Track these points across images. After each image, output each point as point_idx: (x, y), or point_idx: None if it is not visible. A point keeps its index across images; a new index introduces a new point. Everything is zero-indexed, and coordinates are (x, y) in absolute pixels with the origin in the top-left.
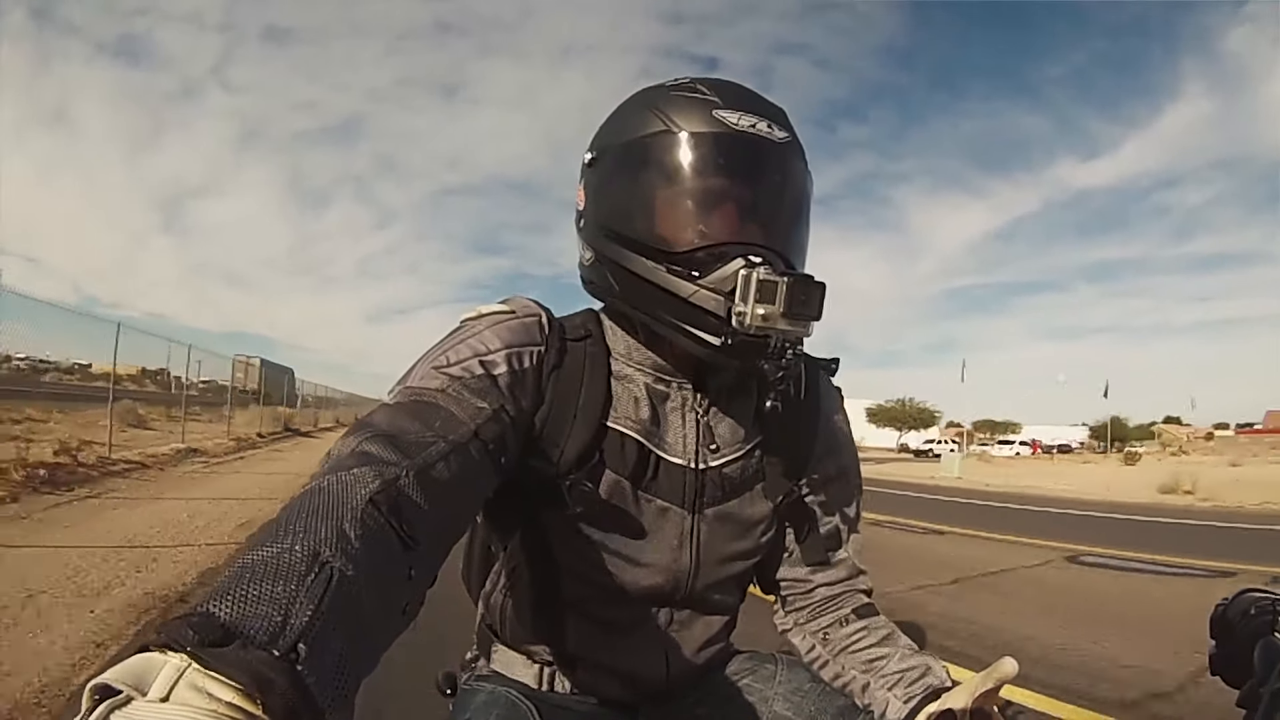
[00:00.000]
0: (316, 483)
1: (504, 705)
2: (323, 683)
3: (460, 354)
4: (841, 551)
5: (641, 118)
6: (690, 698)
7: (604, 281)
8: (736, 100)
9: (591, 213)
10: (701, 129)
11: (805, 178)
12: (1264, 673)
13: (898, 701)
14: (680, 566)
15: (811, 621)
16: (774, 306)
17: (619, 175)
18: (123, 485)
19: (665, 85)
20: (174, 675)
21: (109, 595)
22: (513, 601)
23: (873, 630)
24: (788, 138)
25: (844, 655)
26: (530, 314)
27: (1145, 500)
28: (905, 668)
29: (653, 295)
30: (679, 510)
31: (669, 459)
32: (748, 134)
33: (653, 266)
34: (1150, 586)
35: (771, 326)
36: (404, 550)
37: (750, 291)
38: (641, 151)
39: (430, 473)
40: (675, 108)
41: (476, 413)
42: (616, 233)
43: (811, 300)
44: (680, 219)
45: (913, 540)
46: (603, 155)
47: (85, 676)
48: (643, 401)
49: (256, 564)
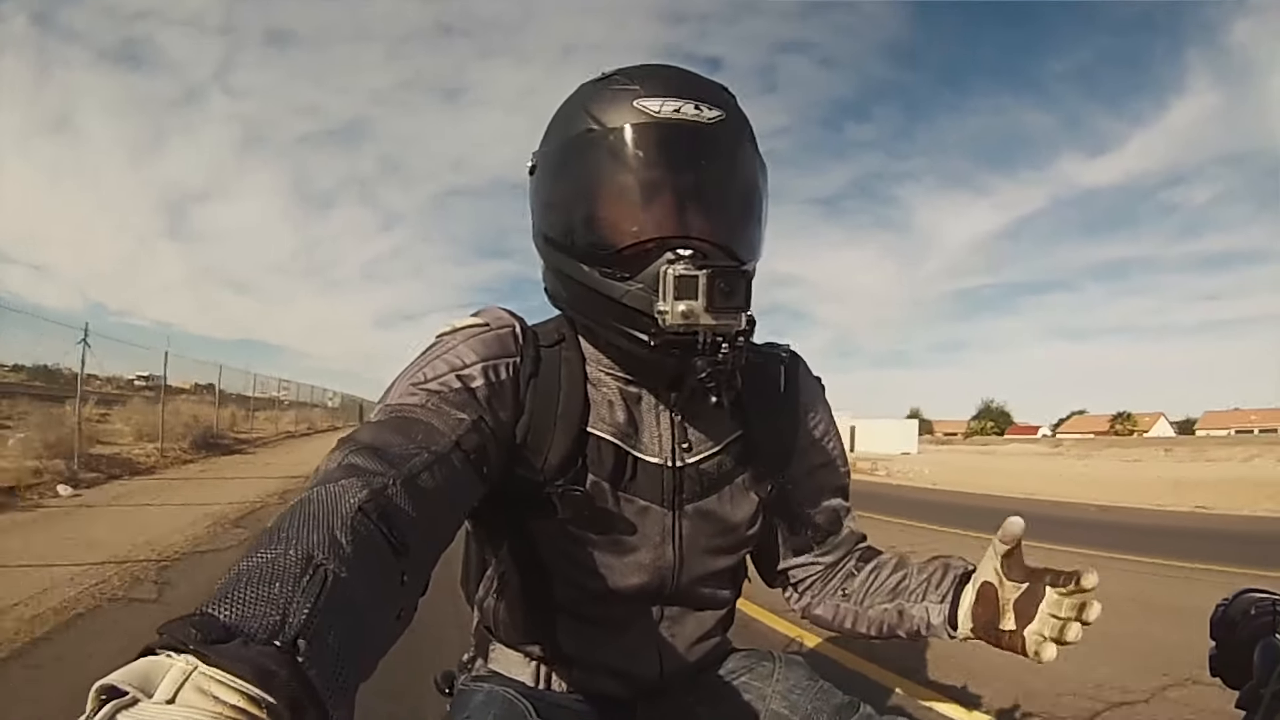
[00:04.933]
0: (307, 494)
1: (501, 704)
2: (324, 675)
3: (437, 369)
4: (842, 533)
5: (569, 118)
6: (687, 696)
7: (556, 290)
8: (660, 85)
9: (536, 221)
10: (621, 122)
11: (744, 156)
12: (1264, 674)
13: (935, 605)
14: (664, 563)
15: (823, 588)
16: (695, 301)
17: (551, 181)
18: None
19: (596, 79)
20: (180, 677)
21: (269, 480)
22: (505, 605)
23: (882, 565)
24: (719, 116)
25: (868, 597)
26: (504, 325)
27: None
28: (927, 575)
29: (590, 300)
30: (659, 508)
31: (645, 459)
32: (669, 120)
33: (588, 271)
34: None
35: (694, 323)
36: (395, 556)
37: (669, 289)
38: (568, 153)
39: (416, 482)
40: (599, 103)
41: (456, 424)
42: (555, 240)
43: (736, 291)
44: (607, 219)
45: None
46: (540, 162)
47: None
48: (617, 405)
49: (252, 569)
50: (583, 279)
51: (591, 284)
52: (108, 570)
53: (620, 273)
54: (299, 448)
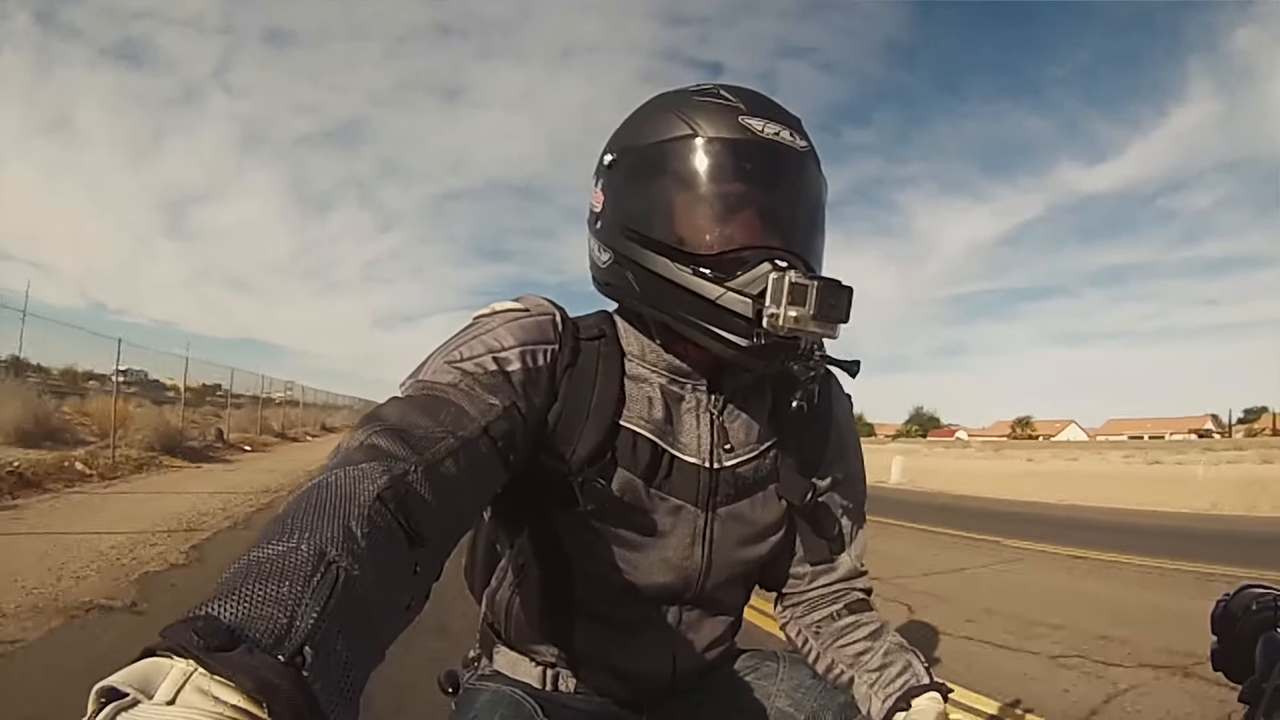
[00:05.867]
0: (325, 476)
1: (509, 704)
2: (328, 687)
3: (474, 349)
4: (844, 555)
5: (665, 121)
6: (693, 696)
7: (623, 283)
8: (760, 108)
9: (611, 214)
10: (727, 135)
11: (823, 186)
12: (1265, 668)
13: (878, 700)
14: (692, 564)
15: (806, 615)
16: (805, 309)
17: (642, 177)
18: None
19: (688, 90)
20: (180, 679)
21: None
22: (520, 599)
23: (862, 625)
24: (807, 146)
25: (833, 649)
26: (544, 312)
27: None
28: (885, 664)
29: (676, 297)
30: (692, 509)
31: (683, 458)
32: (773, 141)
33: (677, 268)
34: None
35: (802, 329)
36: (410, 547)
37: (783, 294)
38: (666, 154)
39: (439, 469)
40: (700, 112)
41: (487, 409)
42: (639, 234)
43: (840, 304)
44: (706, 222)
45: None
46: (624, 157)
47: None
48: (656, 401)
49: (263, 562)
50: (671, 276)
51: (681, 281)
52: (253, 495)
53: (715, 274)
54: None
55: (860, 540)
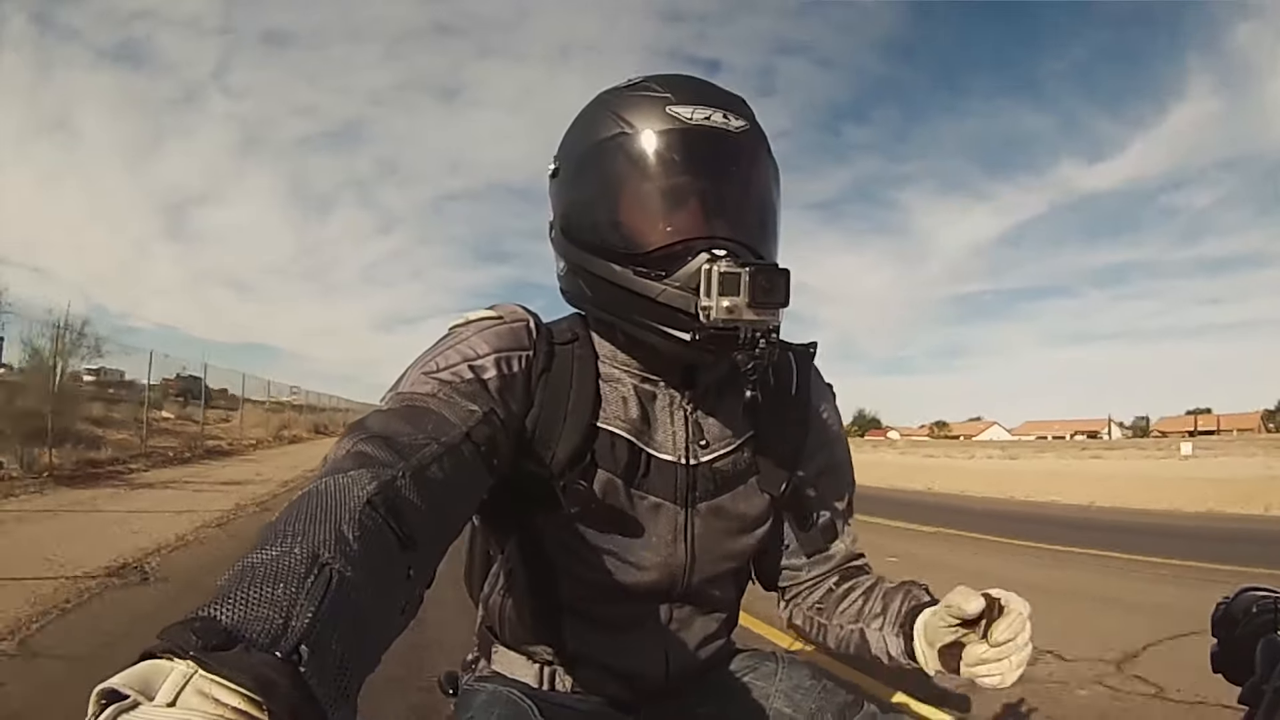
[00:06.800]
0: (314, 485)
1: (505, 704)
2: (325, 683)
3: (450, 359)
4: (838, 543)
5: (598, 122)
6: (691, 696)
7: (577, 289)
8: (690, 94)
9: (559, 222)
10: (654, 127)
11: (767, 164)
12: (1265, 670)
13: (891, 638)
14: (676, 561)
15: (806, 600)
16: (739, 298)
17: (580, 182)
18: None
19: (620, 86)
20: (180, 681)
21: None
22: (511, 602)
23: (857, 586)
24: (745, 126)
25: (837, 618)
26: (518, 319)
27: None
28: (886, 604)
29: (623, 298)
30: (672, 506)
31: (660, 456)
32: (702, 127)
33: (620, 270)
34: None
35: (737, 318)
36: (402, 550)
37: (714, 285)
38: (598, 156)
39: (425, 473)
40: (629, 108)
41: (467, 415)
42: (583, 240)
43: (776, 288)
44: (642, 219)
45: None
46: (565, 164)
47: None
48: (631, 401)
49: (257, 566)
50: (614, 278)
51: (624, 283)
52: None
53: (655, 271)
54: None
55: (852, 527)
